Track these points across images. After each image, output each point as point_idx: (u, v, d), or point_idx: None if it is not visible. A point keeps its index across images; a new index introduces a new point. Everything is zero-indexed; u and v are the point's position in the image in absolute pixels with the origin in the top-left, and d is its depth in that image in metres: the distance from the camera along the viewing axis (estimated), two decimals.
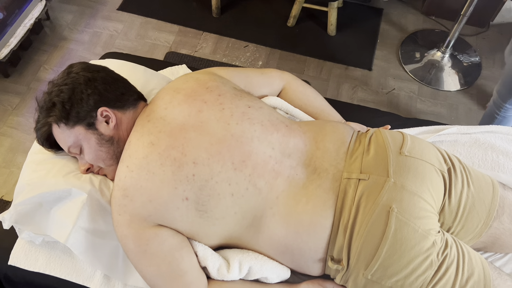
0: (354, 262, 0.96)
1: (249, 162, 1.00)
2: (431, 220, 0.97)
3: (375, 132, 1.12)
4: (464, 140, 1.34)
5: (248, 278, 1.06)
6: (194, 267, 1.02)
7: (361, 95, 2.37)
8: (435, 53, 2.51)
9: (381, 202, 0.95)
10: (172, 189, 0.97)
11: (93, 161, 1.09)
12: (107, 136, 1.07)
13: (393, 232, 0.93)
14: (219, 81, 1.13)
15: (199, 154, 0.99)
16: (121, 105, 1.10)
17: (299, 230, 0.98)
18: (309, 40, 2.58)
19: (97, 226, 1.07)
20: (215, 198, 0.98)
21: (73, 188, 1.05)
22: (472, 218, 1.06)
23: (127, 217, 0.99)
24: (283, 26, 2.64)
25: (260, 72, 1.29)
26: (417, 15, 2.74)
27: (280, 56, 2.51)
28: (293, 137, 1.07)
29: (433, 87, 2.40)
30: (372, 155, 1.04)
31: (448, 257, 0.96)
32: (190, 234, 1.02)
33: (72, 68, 1.10)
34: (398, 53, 2.54)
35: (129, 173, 0.99)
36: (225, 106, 1.06)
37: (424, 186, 0.99)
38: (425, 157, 1.04)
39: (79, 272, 1.12)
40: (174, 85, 1.12)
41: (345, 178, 1.01)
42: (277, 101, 1.26)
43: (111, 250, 1.09)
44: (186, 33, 2.58)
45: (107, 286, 1.11)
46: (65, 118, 1.05)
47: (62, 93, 1.05)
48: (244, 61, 2.48)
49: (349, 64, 2.49)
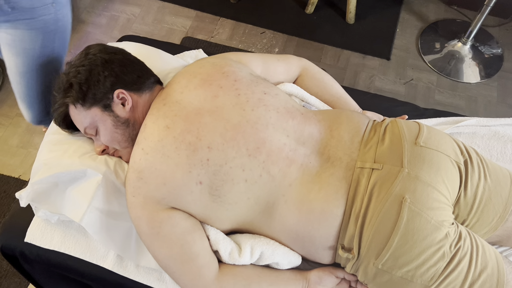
0: (365, 251, 0.96)
1: (263, 149, 1.00)
2: (445, 212, 0.96)
3: (391, 122, 1.10)
4: (483, 133, 1.31)
5: (259, 263, 1.06)
6: (206, 251, 1.03)
7: (378, 84, 2.35)
8: (456, 44, 2.46)
9: (394, 192, 0.95)
10: (186, 173, 0.98)
11: (108, 142, 1.10)
12: (123, 118, 1.08)
13: (405, 222, 0.92)
14: (236, 66, 1.12)
15: (214, 139, 0.99)
16: (137, 88, 1.10)
17: (310, 217, 0.98)
18: (327, 28, 2.55)
19: (111, 207, 1.09)
20: (228, 183, 0.98)
21: (88, 169, 1.06)
22: (488, 211, 1.04)
23: (141, 199, 1.00)
24: (301, 13, 2.61)
25: (277, 58, 1.28)
26: (439, 4, 2.68)
27: (297, 43, 2.49)
28: (308, 125, 1.06)
29: (453, 78, 2.36)
30: (386, 145, 1.03)
31: (461, 249, 0.95)
32: (202, 218, 1.03)
33: (89, 50, 1.11)
34: (417, 43, 2.50)
35: (144, 155, 1.00)
36: (241, 91, 1.05)
37: (439, 177, 0.98)
38: (441, 148, 1.02)
39: (93, 252, 1.14)
40: (191, 69, 1.12)
41: (358, 167, 1.00)
42: (293, 88, 1.25)
43: (125, 231, 1.11)
44: (203, 19, 2.57)
45: (119, 266, 1.12)
46: (81, 99, 1.06)
47: (79, 74, 1.06)
48: (261, 48, 2.47)
49: (367, 53, 2.46)
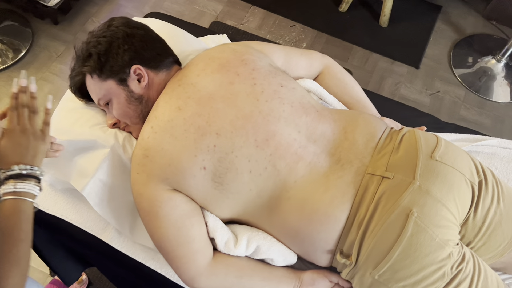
0: (363, 260, 0.94)
1: (272, 141, 0.98)
2: (451, 231, 0.93)
3: (408, 132, 1.07)
4: (503, 155, 1.27)
5: (254, 256, 1.05)
6: (203, 237, 1.02)
7: (404, 92, 2.29)
8: (489, 60, 2.38)
9: (401, 204, 0.92)
10: (191, 157, 0.97)
11: (120, 116, 1.10)
12: (136, 94, 1.07)
13: (409, 236, 0.90)
14: (256, 55, 1.10)
15: (223, 126, 0.98)
16: (155, 66, 1.09)
17: (312, 218, 0.96)
18: (359, 29, 2.50)
19: (115, 181, 1.09)
20: (232, 172, 0.97)
21: (97, 140, 1.06)
22: (496, 236, 1.01)
23: (145, 177, 0.99)
24: (334, 10, 2.56)
25: (300, 53, 1.26)
26: (478, 18, 2.59)
27: (326, 40, 2.45)
28: (322, 124, 1.04)
29: (481, 95, 2.29)
30: (401, 154, 0.99)
31: (462, 271, 0.92)
32: (203, 204, 1.02)
33: (112, 22, 1.10)
34: (449, 55, 2.43)
35: (153, 134, 0.99)
36: (257, 81, 1.03)
37: (450, 195, 0.94)
38: (456, 165, 0.99)
39: (93, 223, 1.14)
40: (210, 53, 1.11)
41: (368, 174, 0.97)
42: (312, 85, 1.22)
43: (126, 206, 1.11)
44: (234, 4, 2.55)
45: (117, 241, 1.13)
46: (99, 70, 1.06)
47: (100, 45, 1.06)
48: (289, 41, 2.43)
49: (396, 58, 2.40)
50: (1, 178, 0.83)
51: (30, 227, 0.82)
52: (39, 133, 0.89)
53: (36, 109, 0.90)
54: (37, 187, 0.85)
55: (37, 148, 0.87)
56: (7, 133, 0.86)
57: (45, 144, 0.90)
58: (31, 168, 0.85)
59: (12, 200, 0.81)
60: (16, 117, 0.87)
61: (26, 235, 0.81)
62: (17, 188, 0.82)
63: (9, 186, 0.82)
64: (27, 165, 0.84)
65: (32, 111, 0.89)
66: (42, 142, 0.89)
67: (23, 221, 0.81)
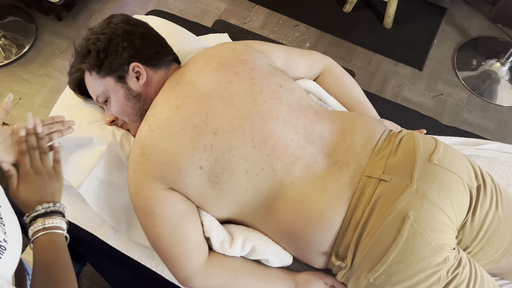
0: (359, 263, 0.93)
1: (269, 142, 0.98)
2: (448, 235, 0.92)
3: (407, 134, 1.06)
4: (503, 159, 1.26)
5: (249, 257, 1.05)
6: (198, 236, 1.02)
7: (407, 94, 2.28)
8: (494, 64, 2.37)
9: (398, 207, 0.91)
10: (188, 156, 0.96)
11: (118, 114, 1.10)
12: (135, 92, 1.07)
13: (405, 239, 0.89)
14: (255, 55, 1.10)
15: (221, 126, 0.97)
16: (154, 63, 1.09)
17: (308, 219, 0.96)
18: (363, 29, 2.49)
19: (112, 178, 1.09)
20: (229, 172, 0.97)
21: (95, 137, 1.06)
22: (493, 241, 1.00)
23: (141, 175, 0.99)
24: (338, 10, 2.55)
25: (301, 53, 1.25)
26: (483, 20, 2.57)
27: (329, 40, 2.44)
28: (320, 125, 1.03)
29: (485, 98, 2.27)
30: (399, 157, 0.99)
31: (458, 276, 0.92)
32: (199, 203, 1.02)
33: (112, 19, 1.10)
34: (453, 57, 2.41)
35: (150, 132, 0.99)
36: (255, 81, 1.03)
37: (448, 199, 0.93)
38: (455, 169, 0.98)
39: (89, 220, 1.14)
40: (210, 52, 1.10)
41: (365, 176, 0.97)
42: (312, 86, 1.22)
43: (122, 204, 1.11)
44: (238, 3, 2.55)
45: (113, 239, 1.13)
46: (97, 67, 1.06)
47: (99, 42, 1.05)
48: (292, 41, 2.43)
49: (400, 60, 2.39)
50: (27, 221, 0.84)
51: (68, 256, 0.83)
52: (52, 171, 0.90)
53: (46, 149, 0.92)
54: (64, 221, 0.86)
55: (53, 186, 0.89)
56: (23, 177, 0.87)
57: (60, 181, 0.92)
58: (54, 205, 0.86)
59: (45, 235, 0.82)
60: (28, 160, 0.88)
61: (68, 264, 0.82)
62: (46, 224, 0.83)
63: (38, 224, 0.83)
64: (49, 203, 0.86)
65: (43, 152, 0.91)
66: (56, 179, 0.91)
67: (61, 251, 0.82)
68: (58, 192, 0.90)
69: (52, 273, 0.79)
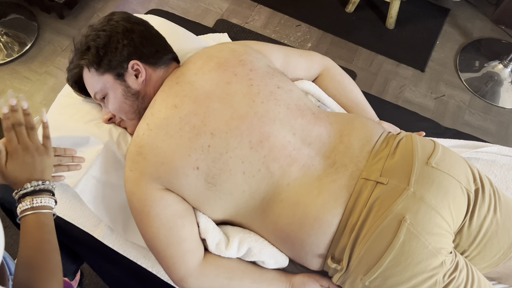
0: (354, 265, 0.93)
1: (266, 143, 0.97)
2: (445, 239, 0.91)
3: (406, 137, 1.05)
4: (503, 162, 1.25)
5: (245, 258, 1.05)
6: (194, 237, 1.01)
7: (408, 95, 2.27)
8: (496, 65, 2.35)
9: (394, 210, 0.90)
10: (185, 156, 0.96)
11: (115, 111, 1.09)
12: (133, 90, 1.07)
13: (401, 243, 0.88)
14: (254, 56, 1.09)
15: (218, 126, 0.97)
16: (153, 62, 1.09)
17: (304, 221, 0.95)
18: (365, 30, 2.48)
19: (109, 178, 1.08)
20: (226, 173, 0.96)
21: (91, 136, 1.06)
22: (491, 245, 0.99)
23: (137, 174, 0.99)
24: (340, 10, 2.54)
25: (300, 54, 1.24)
26: (486, 21, 2.56)
27: (331, 41, 2.43)
28: (318, 126, 1.03)
29: (487, 100, 2.26)
30: (396, 160, 0.98)
31: (455, 280, 0.91)
32: (195, 204, 1.02)
33: (113, 16, 1.10)
34: (456, 59, 2.40)
35: (148, 131, 0.99)
36: (254, 82, 1.02)
37: (445, 202, 0.93)
38: (453, 172, 0.97)
39: (86, 219, 1.14)
40: (209, 52, 1.10)
41: (362, 178, 0.96)
42: (311, 87, 1.21)
43: (119, 204, 1.10)
44: (240, 2, 2.54)
45: (109, 238, 1.12)
46: (96, 64, 1.05)
47: (99, 38, 1.05)
48: (294, 41, 2.42)
49: (402, 61, 2.37)
50: (16, 198, 0.83)
51: (55, 237, 0.83)
52: (42, 147, 0.89)
53: (33, 125, 0.89)
54: (53, 199, 0.86)
55: (43, 163, 0.88)
56: (10, 154, 0.85)
57: (50, 158, 0.90)
58: (43, 183, 0.85)
59: (33, 215, 0.82)
60: (15, 136, 0.86)
61: (54, 246, 0.82)
62: (34, 204, 0.82)
63: (26, 203, 0.82)
64: (38, 181, 0.85)
65: (30, 128, 0.88)
66: (46, 156, 0.89)
67: (48, 233, 0.82)
68: (48, 169, 0.88)
69: (37, 256, 0.78)
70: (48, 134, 0.92)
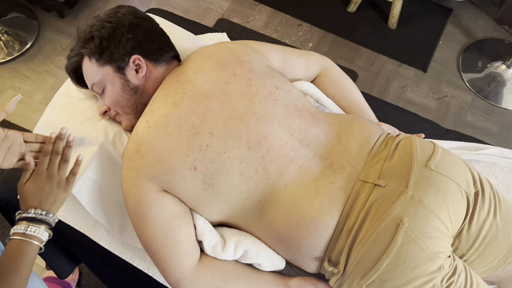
0: (351, 269, 0.92)
1: (264, 143, 0.96)
2: (443, 243, 0.90)
3: (405, 138, 1.04)
4: (504, 164, 1.23)
5: (241, 260, 1.04)
6: (190, 239, 1.00)
7: (410, 95, 2.25)
8: (499, 66, 2.33)
9: (392, 213, 0.89)
10: (183, 155, 0.95)
11: (111, 104, 1.08)
12: (132, 84, 1.06)
13: (399, 246, 0.87)
14: (253, 56, 1.08)
15: (217, 126, 0.96)
16: (155, 59, 1.08)
17: (300, 223, 0.94)
18: (367, 30, 2.46)
19: (105, 179, 1.07)
20: (224, 174, 0.95)
21: (86, 137, 1.05)
22: (490, 249, 0.98)
23: (134, 173, 0.98)
24: (342, 10, 2.53)
25: (298, 54, 1.23)
26: (489, 21, 2.54)
27: (333, 40, 2.42)
28: (316, 127, 1.02)
29: (489, 101, 2.24)
30: (395, 162, 0.97)
31: (453, 284, 0.90)
32: (192, 206, 1.01)
33: (120, 9, 1.10)
34: (458, 59, 2.38)
35: (147, 128, 0.98)
36: (252, 82, 1.02)
37: (444, 206, 0.91)
38: (452, 175, 0.96)
39: (82, 220, 1.13)
40: (208, 50, 1.09)
41: (360, 180, 0.95)
42: (309, 87, 1.20)
43: (116, 204, 1.09)
44: (241, 2, 2.53)
45: (105, 239, 1.12)
46: (98, 54, 1.05)
47: (103, 29, 1.05)
48: (295, 40, 2.41)
49: (404, 61, 2.36)
50: (16, 218, 0.85)
51: (29, 271, 0.84)
52: (64, 182, 0.91)
53: (68, 158, 0.92)
54: (47, 233, 0.87)
55: (57, 196, 0.89)
56: (33, 176, 0.88)
57: (66, 194, 0.92)
58: (46, 214, 0.87)
59: (19, 241, 0.83)
60: (47, 162, 0.89)
61: (22, 279, 0.82)
62: (27, 231, 0.84)
63: (21, 227, 0.84)
64: (43, 211, 0.86)
65: (64, 160, 0.91)
66: (63, 191, 0.91)
67: (24, 265, 0.82)
68: (58, 203, 0.90)
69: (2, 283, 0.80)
70: (76, 172, 0.94)
